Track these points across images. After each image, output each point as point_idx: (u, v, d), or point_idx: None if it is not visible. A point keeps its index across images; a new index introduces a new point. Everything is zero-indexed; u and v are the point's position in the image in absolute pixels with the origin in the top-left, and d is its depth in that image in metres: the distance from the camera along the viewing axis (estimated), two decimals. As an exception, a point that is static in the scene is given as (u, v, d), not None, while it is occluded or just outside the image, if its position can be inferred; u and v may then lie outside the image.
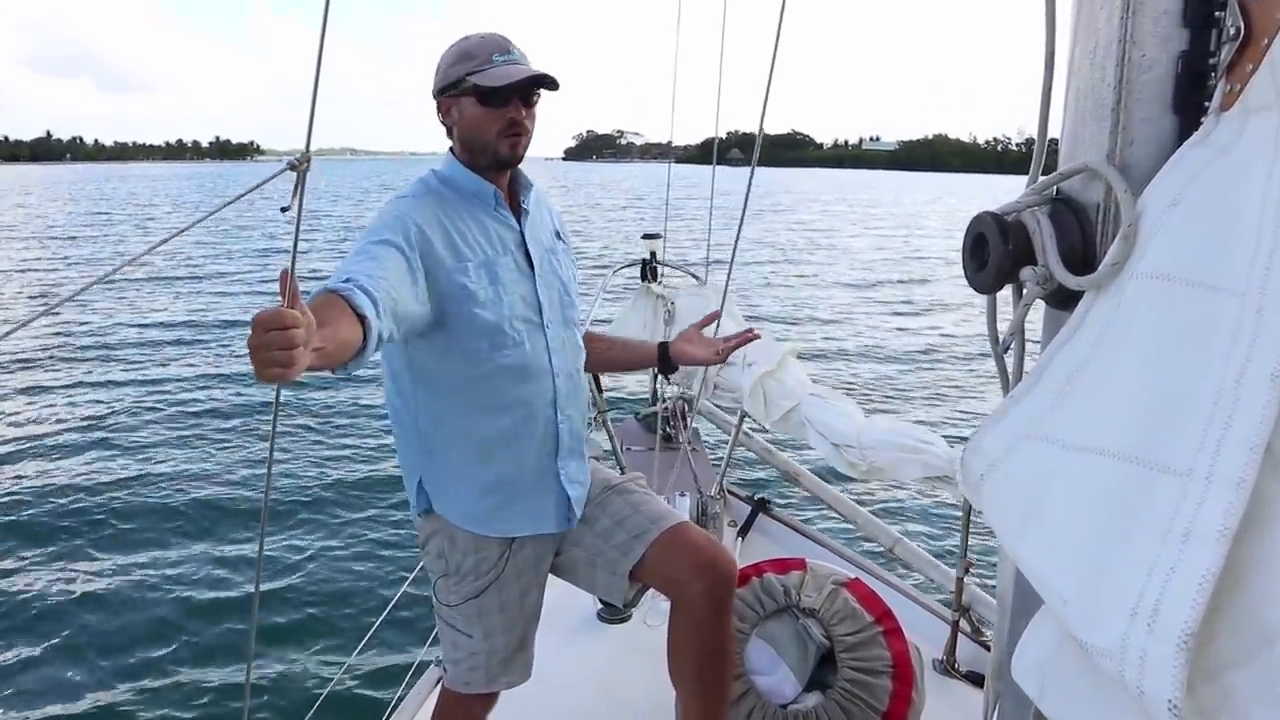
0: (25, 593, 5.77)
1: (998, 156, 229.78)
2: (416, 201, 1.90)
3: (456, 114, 1.95)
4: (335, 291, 1.51)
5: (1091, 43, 0.91)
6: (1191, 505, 0.69)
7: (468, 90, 1.90)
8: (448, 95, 1.94)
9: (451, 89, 1.92)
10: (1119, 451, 0.76)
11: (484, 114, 1.90)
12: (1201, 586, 0.65)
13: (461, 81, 1.90)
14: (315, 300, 1.48)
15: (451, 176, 1.97)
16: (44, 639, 5.24)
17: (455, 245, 1.87)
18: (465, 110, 1.92)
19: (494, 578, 2.03)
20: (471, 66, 1.89)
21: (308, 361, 1.20)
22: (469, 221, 1.93)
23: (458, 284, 1.84)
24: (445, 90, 1.94)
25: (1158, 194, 0.82)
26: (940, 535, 6.47)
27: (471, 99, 1.90)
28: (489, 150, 1.93)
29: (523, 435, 1.98)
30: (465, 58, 1.90)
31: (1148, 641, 0.67)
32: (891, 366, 12.64)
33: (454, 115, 1.95)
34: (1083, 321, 0.87)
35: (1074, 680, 0.79)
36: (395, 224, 1.80)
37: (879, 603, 2.37)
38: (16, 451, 8.59)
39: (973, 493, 0.92)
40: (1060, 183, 0.95)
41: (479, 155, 1.95)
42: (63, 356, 12.84)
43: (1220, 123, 0.80)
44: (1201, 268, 0.76)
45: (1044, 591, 0.79)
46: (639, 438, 4.50)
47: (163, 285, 19.84)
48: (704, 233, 4.39)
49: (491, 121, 1.90)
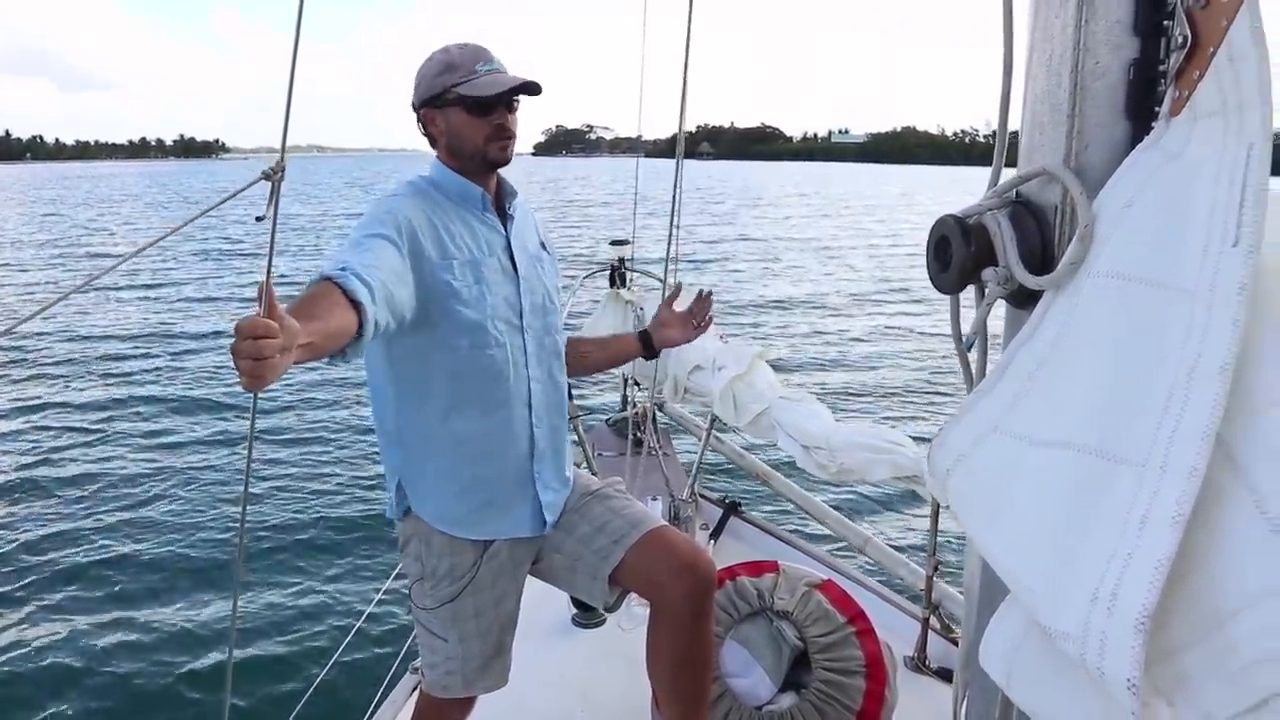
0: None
1: (965, 149, 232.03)
2: (406, 199, 1.93)
3: (443, 124, 1.98)
4: (330, 278, 1.53)
5: (1048, 50, 0.94)
6: (1147, 494, 0.72)
7: (454, 101, 1.94)
8: (432, 107, 1.98)
9: (436, 100, 1.96)
10: (1078, 444, 0.79)
11: (472, 122, 1.95)
12: (1157, 570, 0.68)
13: (447, 93, 1.94)
14: (308, 290, 1.50)
15: (440, 181, 2.01)
16: (22, 648, 5.18)
17: (442, 242, 1.91)
18: (453, 120, 1.96)
19: (468, 582, 2.04)
20: (456, 78, 1.93)
21: (282, 369, 1.21)
22: (457, 222, 1.97)
23: (443, 280, 1.87)
24: (430, 102, 1.97)
25: (1112, 196, 0.86)
26: (910, 535, 6.53)
27: (459, 109, 1.95)
28: (479, 156, 1.98)
29: (499, 438, 2.00)
30: (449, 69, 1.94)
31: (1108, 624, 0.69)
32: (862, 367, 12.74)
33: (440, 125, 1.99)
34: (1042, 320, 0.90)
35: (1039, 666, 0.81)
36: (387, 218, 1.84)
37: (851, 604, 2.39)
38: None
39: (939, 488, 0.94)
40: (1019, 185, 0.98)
41: (469, 161, 1.99)
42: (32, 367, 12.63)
43: (1170, 127, 0.83)
44: (1154, 267, 0.79)
45: (1010, 581, 0.81)
46: (610, 443, 4.51)
47: (129, 292, 19.55)
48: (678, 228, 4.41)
49: (480, 129, 1.95)
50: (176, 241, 28.21)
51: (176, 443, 9.13)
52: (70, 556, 6.46)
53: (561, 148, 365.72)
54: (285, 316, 1.23)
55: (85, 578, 6.16)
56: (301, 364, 1.36)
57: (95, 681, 4.93)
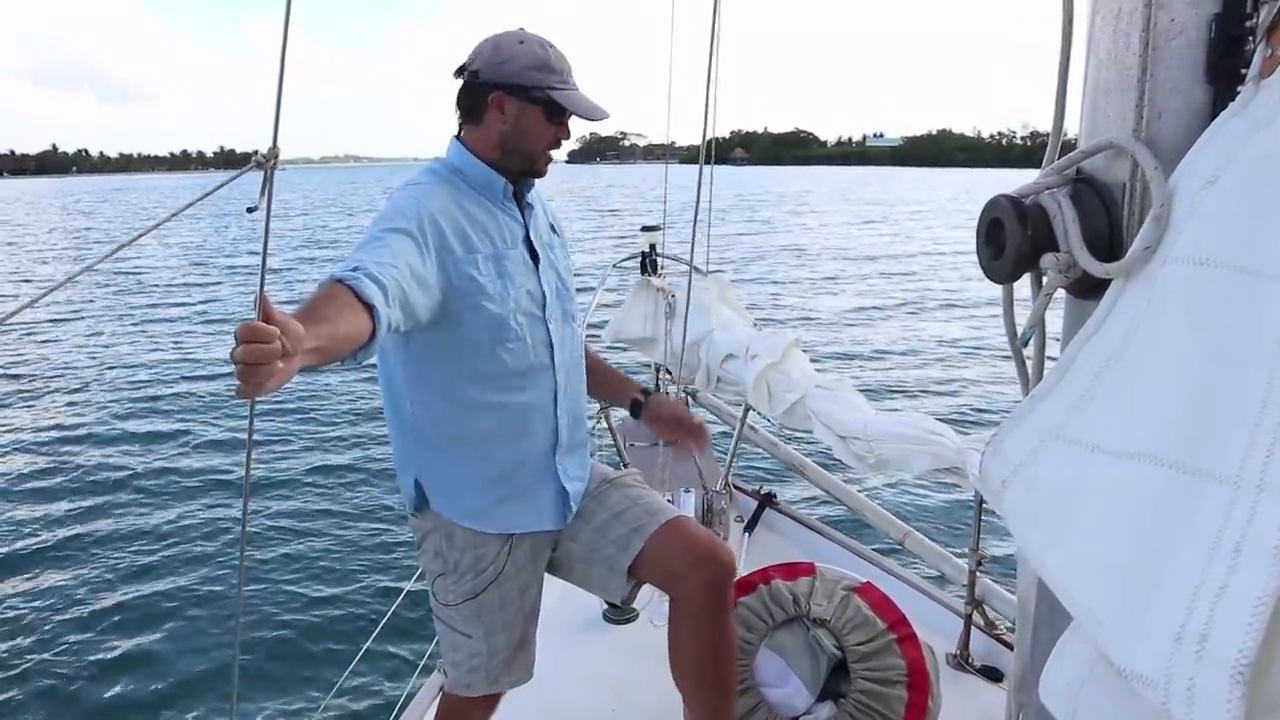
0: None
1: (1002, 151, 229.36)
2: (430, 190, 1.87)
3: (513, 114, 1.90)
4: (341, 281, 1.48)
5: (1114, 8, 0.84)
6: (1242, 517, 0.62)
7: (542, 101, 1.88)
8: (514, 95, 1.88)
9: (521, 91, 1.88)
10: (1156, 455, 0.69)
11: (546, 128, 1.91)
12: (1257, 610, 0.58)
13: (537, 89, 1.88)
14: (318, 293, 1.46)
15: (462, 166, 1.94)
16: (24, 660, 5.18)
17: (466, 236, 1.85)
18: (526, 116, 1.90)
19: (493, 575, 2.00)
20: (554, 81, 1.88)
21: (284, 376, 1.16)
22: (479, 213, 1.91)
23: (466, 275, 1.82)
24: (514, 89, 1.88)
25: (1192, 171, 0.75)
26: (951, 527, 6.39)
27: (539, 110, 1.89)
28: (531, 160, 1.94)
29: (523, 430, 1.97)
30: (546, 69, 1.88)
31: (1197, 670, 0.60)
32: (904, 367, 12.49)
33: (509, 114, 1.90)
34: (1111, 312, 0.80)
35: (1109, 707, 0.72)
36: (410, 211, 1.78)
37: (892, 608, 2.30)
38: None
39: (995, 500, 0.85)
40: (1082, 161, 0.88)
41: (514, 159, 1.93)
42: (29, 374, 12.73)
43: (1260, 91, 0.73)
44: (1244, 251, 0.69)
45: (1075, 610, 0.72)
46: (642, 433, 4.43)
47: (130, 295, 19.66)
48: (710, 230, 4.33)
49: (549, 136, 1.92)
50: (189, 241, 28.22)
51: (180, 448, 9.12)
52: (70, 562, 6.49)
53: (595, 155, 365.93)
54: (289, 321, 1.18)
55: (86, 583, 6.16)
56: (312, 369, 1.32)
57: (97, 690, 4.93)
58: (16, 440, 9.45)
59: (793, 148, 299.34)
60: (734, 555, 2.08)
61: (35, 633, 5.49)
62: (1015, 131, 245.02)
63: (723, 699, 2.07)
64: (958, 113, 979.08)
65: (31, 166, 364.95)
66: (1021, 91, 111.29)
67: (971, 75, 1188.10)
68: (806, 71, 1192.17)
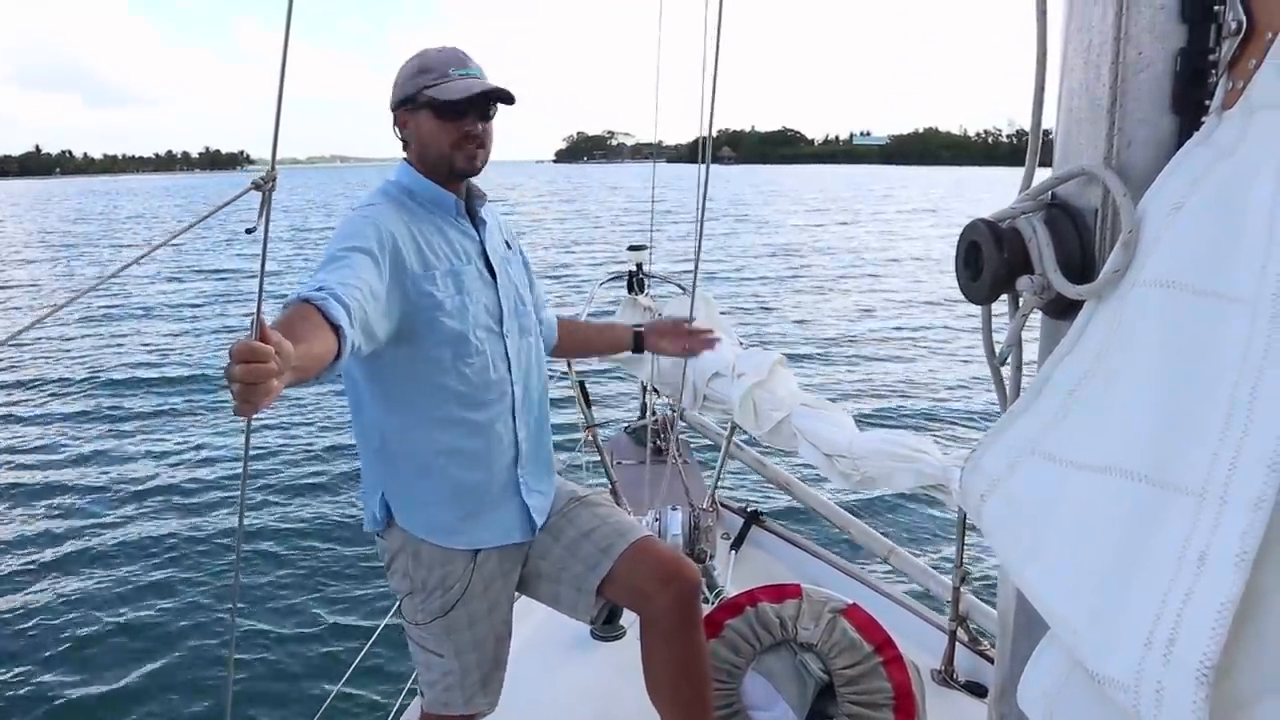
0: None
1: (989, 149, 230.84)
2: (382, 209, 1.89)
3: (413, 127, 1.95)
4: (309, 301, 1.49)
5: (1085, 40, 0.87)
6: (1206, 527, 0.65)
7: (424, 104, 1.90)
8: (405, 109, 1.95)
9: (409, 102, 1.93)
10: (1127, 469, 0.72)
11: (440, 127, 1.91)
12: (1220, 615, 0.61)
13: (419, 95, 1.90)
14: (288, 312, 1.47)
15: (412, 186, 1.97)
16: (13, 679, 5.13)
17: (422, 252, 1.87)
18: (422, 123, 1.93)
19: (460, 592, 2.01)
20: (428, 80, 1.89)
21: (276, 393, 1.17)
22: (432, 230, 1.93)
23: (425, 292, 1.84)
24: (403, 103, 1.94)
25: (1159, 198, 0.79)
26: (935, 543, 6.42)
27: (428, 112, 1.91)
28: (445, 162, 1.94)
29: (485, 445, 1.98)
30: (422, 71, 1.90)
31: (1164, 673, 0.63)
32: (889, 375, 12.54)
33: (410, 128, 1.96)
34: (1084, 332, 0.83)
35: (1084, 711, 0.74)
36: (367, 230, 1.79)
37: (878, 630, 2.32)
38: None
39: (974, 514, 0.88)
40: (1056, 187, 0.91)
41: (436, 167, 1.96)
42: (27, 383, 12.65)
43: (1223, 122, 0.76)
44: (1207, 274, 0.72)
45: (1051, 619, 0.75)
46: (629, 451, 4.45)
47: (126, 309, 19.54)
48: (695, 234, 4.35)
49: (447, 134, 1.91)
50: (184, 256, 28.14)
51: (174, 463, 9.04)
52: (63, 575, 6.45)
53: (583, 154, 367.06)
54: (284, 341, 1.20)
55: (79, 596, 6.12)
56: (288, 388, 1.32)
57: (88, 705, 4.89)
58: (7, 452, 9.39)
59: (780, 146, 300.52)
60: (698, 573, 2.10)
61: (26, 650, 5.45)
62: (1001, 129, 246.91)
63: (700, 715, 2.08)
64: (944, 111, 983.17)
65: (14, 168, 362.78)
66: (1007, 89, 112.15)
67: (958, 73, 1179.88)
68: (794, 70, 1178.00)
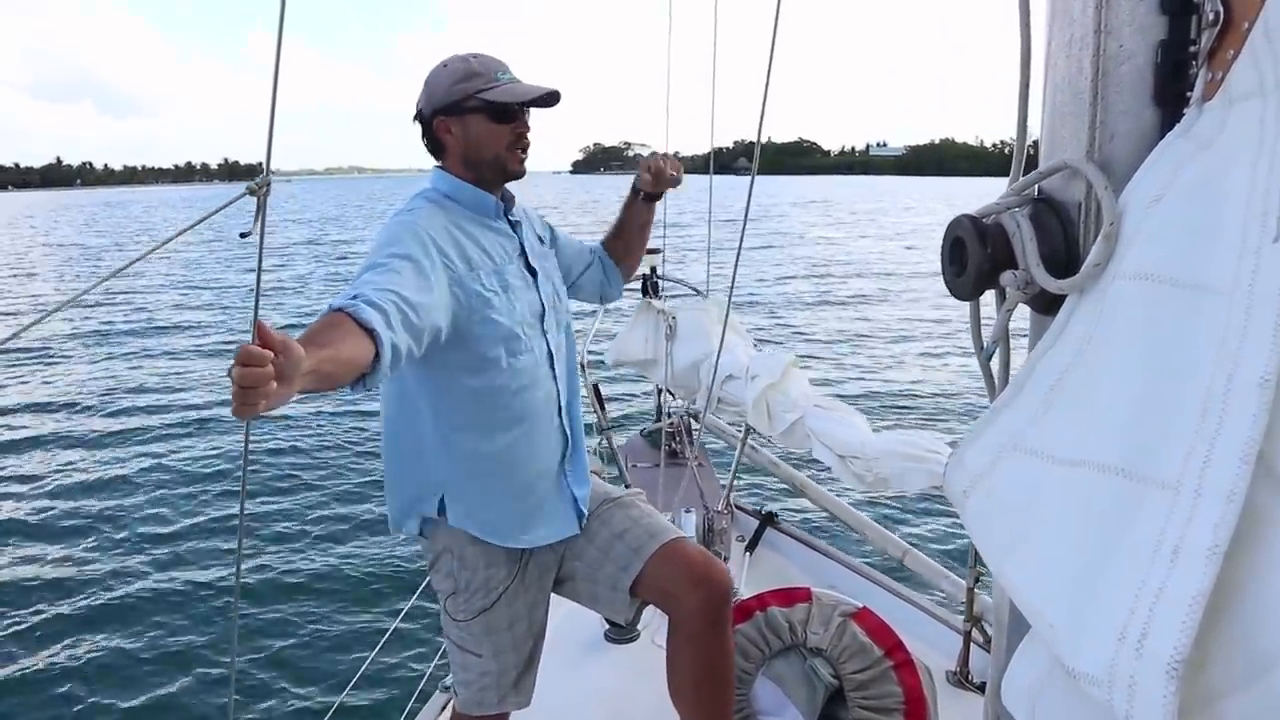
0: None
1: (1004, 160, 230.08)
2: (425, 213, 1.91)
3: (461, 132, 1.96)
4: (341, 309, 1.51)
5: (1066, 35, 0.87)
6: (1180, 521, 0.64)
7: (476, 108, 1.92)
8: (450, 114, 1.95)
9: (455, 108, 1.94)
10: (1104, 463, 0.71)
11: (495, 130, 1.94)
12: (1191, 608, 0.60)
13: (467, 100, 1.92)
14: (317, 322, 1.48)
15: (453, 191, 1.99)
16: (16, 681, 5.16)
17: (467, 254, 1.90)
18: (473, 127, 1.95)
19: (502, 591, 2.03)
20: (480, 84, 1.92)
21: (279, 398, 1.19)
22: (475, 231, 1.96)
23: (474, 291, 1.86)
24: (448, 110, 1.95)
25: (1140, 191, 0.78)
26: (952, 543, 6.38)
27: (482, 116, 1.93)
28: (499, 164, 1.97)
29: (539, 442, 2.01)
30: (470, 76, 1.92)
31: (1136, 667, 0.62)
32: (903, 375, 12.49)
33: (457, 133, 1.96)
34: (1066, 326, 0.83)
35: (1065, 707, 0.74)
36: (409, 236, 1.81)
37: (889, 634, 2.31)
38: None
39: (959, 509, 0.87)
40: (1040, 182, 0.91)
41: (486, 169, 1.98)
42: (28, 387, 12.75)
43: (1203, 114, 0.76)
44: (1186, 266, 0.72)
45: (1030, 615, 0.74)
46: (644, 454, 4.46)
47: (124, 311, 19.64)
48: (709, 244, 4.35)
49: (502, 137, 1.95)
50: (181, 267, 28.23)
51: (178, 466, 9.08)
52: (68, 576, 6.49)
53: (600, 165, 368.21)
54: (290, 344, 1.20)
55: (81, 601, 6.13)
56: (311, 393, 1.35)
57: (93, 706, 4.91)
58: (6, 459, 9.47)
59: (796, 157, 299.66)
60: (730, 576, 2.10)
61: (26, 649, 5.50)
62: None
63: (720, 719, 2.09)
64: (960, 121, 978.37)
65: (36, 180, 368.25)
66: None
67: (973, 84, 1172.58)
68: (810, 81, 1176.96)
